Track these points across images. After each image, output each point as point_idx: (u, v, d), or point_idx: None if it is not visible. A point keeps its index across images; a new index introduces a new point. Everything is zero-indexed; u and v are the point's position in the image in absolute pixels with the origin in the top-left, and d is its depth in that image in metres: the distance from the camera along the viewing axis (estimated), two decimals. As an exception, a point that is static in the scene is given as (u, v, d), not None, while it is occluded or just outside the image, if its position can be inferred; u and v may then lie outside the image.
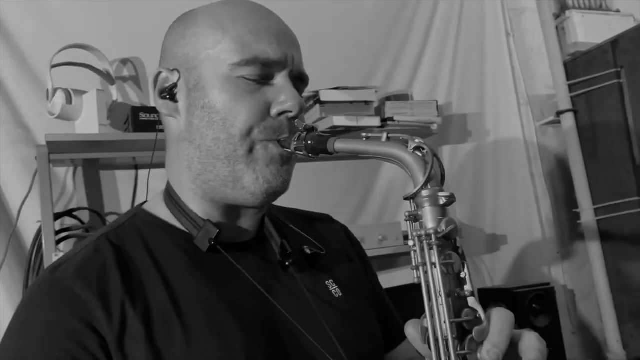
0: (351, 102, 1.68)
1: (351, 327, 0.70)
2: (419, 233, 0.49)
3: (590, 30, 2.10)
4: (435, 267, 0.49)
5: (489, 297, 1.89)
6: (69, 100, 1.44)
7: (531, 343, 0.50)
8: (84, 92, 1.47)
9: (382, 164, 1.96)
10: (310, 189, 1.82)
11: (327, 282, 0.73)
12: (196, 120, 0.65)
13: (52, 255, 1.32)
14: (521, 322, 1.74)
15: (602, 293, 1.97)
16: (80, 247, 0.66)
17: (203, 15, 0.67)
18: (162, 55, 0.71)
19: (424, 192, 0.51)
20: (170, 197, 0.70)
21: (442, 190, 0.51)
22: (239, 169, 0.64)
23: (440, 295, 0.48)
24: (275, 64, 0.64)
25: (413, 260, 0.50)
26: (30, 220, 1.47)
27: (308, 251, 0.74)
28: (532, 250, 2.10)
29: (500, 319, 0.50)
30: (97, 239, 0.66)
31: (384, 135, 0.56)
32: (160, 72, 0.68)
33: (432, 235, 0.49)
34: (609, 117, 1.94)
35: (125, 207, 1.63)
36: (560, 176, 2.16)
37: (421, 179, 0.51)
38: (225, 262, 0.65)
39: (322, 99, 1.65)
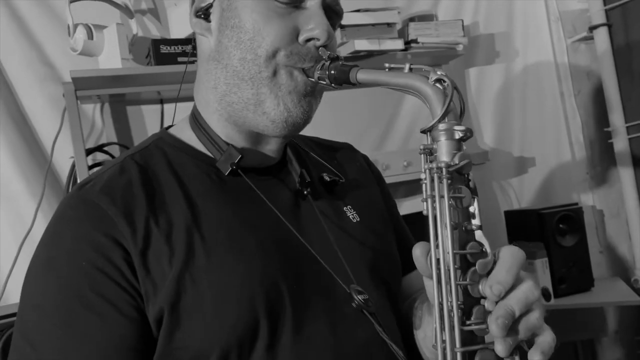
0: (373, 25, 1.63)
1: (367, 250, 0.72)
2: (430, 166, 0.50)
3: None
4: (443, 199, 0.49)
5: (516, 219, 1.91)
6: (90, 35, 1.44)
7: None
8: (104, 27, 1.47)
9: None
10: (336, 116, 1.81)
11: (344, 208, 0.75)
12: (225, 40, 0.66)
13: (87, 188, 1.37)
14: (548, 242, 1.76)
15: (632, 211, 1.95)
16: (107, 167, 0.68)
17: None
18: None
19: (441, 126, 0.51)
20: (196, 119, 0.71)
21: (459, 124, 0.50)
22: (262, 92, 0.64)
23: (446, 227, 0.49)
24: None
25: (423, 193, 0.50)
26: (64, 157, 1.52)
27: (327, 178, 0.75)
28: (560, 171, 2.07)
29: (510, 256, 0.50)
30: (124, 159, 0.68)
31: (407, 66, 0.55)
32: None
33: (443, 169, 0.49)
34: (646, 30, 1.85)
35: (153, 141, 1.66)
36: (591, 95, 2.10)
37: (439, 112, 0.51)
38: (247, 186, 0.67)
39: (343, 22, 1.60)
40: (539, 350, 0.50)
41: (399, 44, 1.67)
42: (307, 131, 0.87)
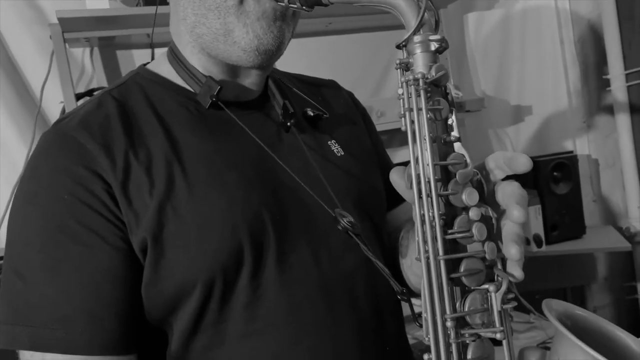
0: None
1: (352, 182, 0.71)
2: (407, 78, 0.48)
3: None
4: (421, 112, 0.48)
5: (511, 167, 1.90)
6: (75, -26, 1.39)
7: (510, 189, 0.49)
8: (90, -35, 1.42)
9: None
10: (332, 63, 1.78)
11: (329, 142, 0.74)
12: None
13: (78, 133, 1.36)
14: (541, 190, 1.76)
15: (627, 161, 1.95)
16: (85, 103, 0.66)
17: None
18: None
19: (415, 38, 0.49)
20: (173, 53, 0.69)
21: (433, 35, 0.49)
22: (230, 22, 0.62)
23: (425, 140, 0.47)
24: None
25: (401, 108, 0.48)
26: (54, 101, 1.49)
27: (310, 113, 0.74)
28: (557, 120, 2.06)
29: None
30: (101, 95, 0.67)
31: None
32: None
33: (420, 80, 0.47)
34: (650, -27, 1.80)
35: (144, 86, 1.64)
36: (591, 42, 2.06)
37: (413, 24, 0.49)
38: (228, 118, 0.66)
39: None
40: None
41: (395, -14, 1.61)
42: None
